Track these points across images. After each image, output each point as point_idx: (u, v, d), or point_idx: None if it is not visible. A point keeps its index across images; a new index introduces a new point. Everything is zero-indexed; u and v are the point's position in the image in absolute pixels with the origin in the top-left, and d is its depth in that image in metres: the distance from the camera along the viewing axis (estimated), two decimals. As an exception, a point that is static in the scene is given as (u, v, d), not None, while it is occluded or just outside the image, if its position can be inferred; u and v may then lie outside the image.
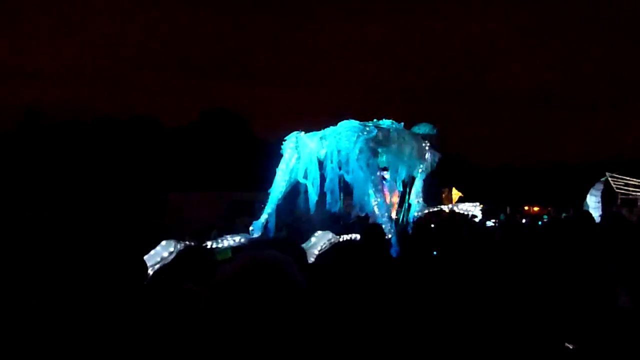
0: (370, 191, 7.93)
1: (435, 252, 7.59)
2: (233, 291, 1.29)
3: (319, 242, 6.75)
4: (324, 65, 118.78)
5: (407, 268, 5.02)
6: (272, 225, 8.32)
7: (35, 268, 9.83)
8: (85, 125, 45.44)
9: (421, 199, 9.22)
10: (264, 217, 8.40)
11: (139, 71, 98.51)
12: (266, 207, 8.60)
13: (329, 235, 7.00)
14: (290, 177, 8.58)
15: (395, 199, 9.25)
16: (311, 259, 6.15)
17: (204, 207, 21.00)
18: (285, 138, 8.79)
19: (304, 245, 6.87)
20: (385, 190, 8.56)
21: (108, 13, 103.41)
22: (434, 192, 9.16)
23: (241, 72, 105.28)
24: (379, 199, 7.95)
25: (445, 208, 9.66)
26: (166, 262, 5.95)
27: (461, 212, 9.28)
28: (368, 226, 4.86)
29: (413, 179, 9.17)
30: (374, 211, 8.05)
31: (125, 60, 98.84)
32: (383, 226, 7.44)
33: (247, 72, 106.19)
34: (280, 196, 8.57)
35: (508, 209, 22.69)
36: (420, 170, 8.92)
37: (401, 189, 9.01)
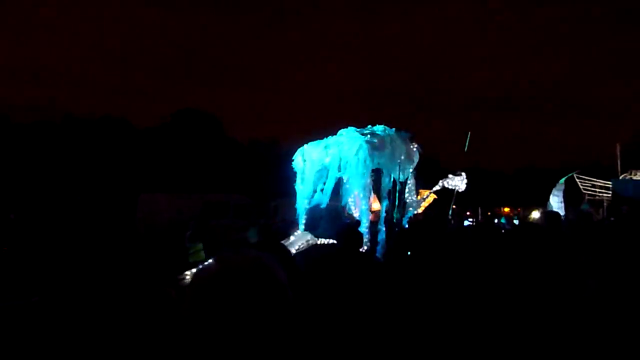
0: (360, 195, 8.70)
1: (409, 253, 7.74)
2: (215, 291, 1.27)
3: (297, 241, 6.91)
4: (298, 66, 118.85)
5: (383, 271, 5.06)
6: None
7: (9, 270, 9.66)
8: (53, 125, 44.48)
9: (414, 196, 9.95)
10: (302, 227, 8.84)
11: (109, 71, 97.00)
12: (299, 220, 9.10)
13: (308, 236, 7.19)
14: (309, 189, 9.26)
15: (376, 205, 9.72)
16: None
17: (176, 209, 20.78)
18: (293, 158, 9.51)
19: (282, 241, 6.98)
20: (371, 198, 9.20)
21: (77, 12, 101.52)
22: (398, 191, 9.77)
23: (215, 72, 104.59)
24: (363, 206, 8.63)
25: (437, 186, 10.30)
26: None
27: (450, 187, 9.98)
28: (346, 231, 4.88)
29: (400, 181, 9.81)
30: (359, 213, 8.71)
31: (95, 60, 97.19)
32: (364, 230, 7.95)
33: (221, 73, 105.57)
34: (308, 207, 9.19)
35: (480, 210, 23.13)
36: (411, 170, 9.68)
37: (396, 187, 9.65)
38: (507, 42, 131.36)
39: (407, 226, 9.18)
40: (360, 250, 4.82)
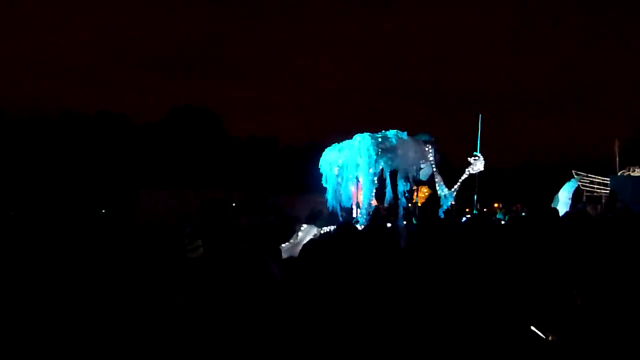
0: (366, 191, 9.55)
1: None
2: (212, 285, 1.28)
3: (305, 236, 6.93)
4: (298, 62, 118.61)
5: (379, 262, 5.07)
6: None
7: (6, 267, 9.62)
8: (51, 121, 44.38)
9: (445, 189, 10.76)
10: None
11: (106, 66, 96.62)
12: (339, 215, 9.97)
13: (314, 230, 7.27)
14: (334, 187, 10.17)
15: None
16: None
17: (174, 205, 20.83)
18: (319, 166, 10.47)
19: (291, 240, 7.01)
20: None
21: (75, 8, 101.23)
22: (409, 190, 10.56)
23: (213, 68, 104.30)
24: (363, 192, 9.55)
25: (465, 175, 11.00)
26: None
27: (474, 172, 10.96)
28: (341, 224, 4.89)
29: (417, 179, 10.66)
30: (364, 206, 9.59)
31: (92, 55, 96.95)
32: (360, 220, 8.70)
33: (219, 69, 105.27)
34: (343, 205, 10.12)
35: (478, 205, 23.16)
36: (434, 168, 10.55)
37: (412, 187, 10.44)
38: (509, 40, 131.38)
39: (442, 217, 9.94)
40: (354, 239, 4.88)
